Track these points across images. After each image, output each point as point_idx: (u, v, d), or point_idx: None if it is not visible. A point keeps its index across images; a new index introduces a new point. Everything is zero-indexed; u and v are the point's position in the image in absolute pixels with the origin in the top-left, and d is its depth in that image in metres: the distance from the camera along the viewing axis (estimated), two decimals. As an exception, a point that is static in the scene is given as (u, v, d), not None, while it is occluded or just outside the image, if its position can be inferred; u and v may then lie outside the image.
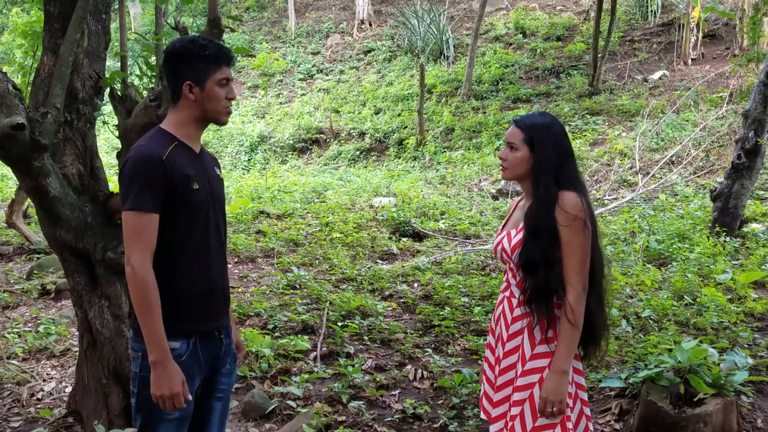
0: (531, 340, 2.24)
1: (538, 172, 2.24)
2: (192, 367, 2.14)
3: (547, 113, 2.39)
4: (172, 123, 2.14)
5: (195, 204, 2.10)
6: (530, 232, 2.21)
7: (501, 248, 2.33)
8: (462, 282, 5.97)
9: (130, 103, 3.16)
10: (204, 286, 2.16)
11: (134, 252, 2.00)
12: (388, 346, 4.66)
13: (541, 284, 2.18)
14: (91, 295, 3.29)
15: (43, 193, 2.98)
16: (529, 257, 2.21)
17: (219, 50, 2.11)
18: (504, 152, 2.31)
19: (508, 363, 2.30)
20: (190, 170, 2.10)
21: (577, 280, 2.15)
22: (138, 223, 2.01)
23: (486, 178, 11.32)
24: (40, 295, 5.75)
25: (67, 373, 4.19)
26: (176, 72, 2.10)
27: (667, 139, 11.30)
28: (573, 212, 2.15)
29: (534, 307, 2.21)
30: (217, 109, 2.13)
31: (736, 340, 4.51)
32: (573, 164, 2.29)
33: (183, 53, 2.09)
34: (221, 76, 2.11)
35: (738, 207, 7.27)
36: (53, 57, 3.07)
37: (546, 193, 2.20)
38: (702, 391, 3.33)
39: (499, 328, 2.35)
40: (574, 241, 2.15)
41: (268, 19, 21.31)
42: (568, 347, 2.16)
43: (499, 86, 14.79)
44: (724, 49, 14.17)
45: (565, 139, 2.29)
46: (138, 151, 2.05)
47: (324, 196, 10.24)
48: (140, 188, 2.00)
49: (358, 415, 3.64)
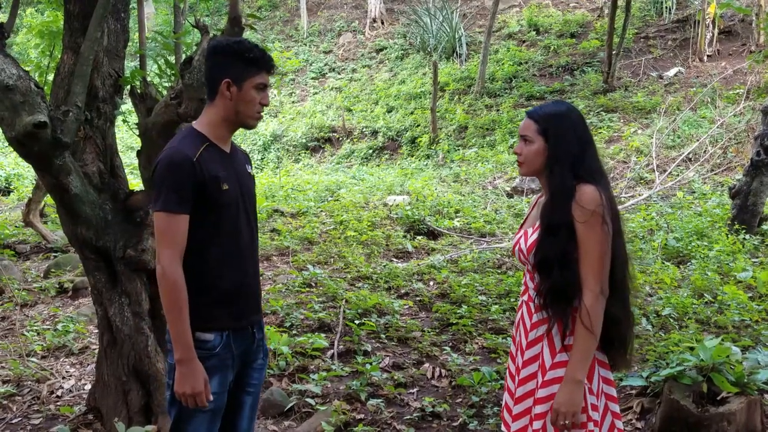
0: (551, 349, 2.08)
1: (555, 164, 2.08)
2: (226, 360, 2.17)
3: (562, 101, 2.24)
4: (205, 122, 2.17)
5: (225, 204, 2.13)
6: (545, 229, 2.07)
7: (518, 248, 2.19)
8: (478, 280, 5.94)
9: (150, 101, 3.17)
10: (236, 282, 2.19)
11: (164, 252, 2.05)
12: (405, 344, 4.65)
13: (557, 285, 2.02)
14: (111, 293, 3.30)
15: (64, 191, 3.00)
16: (545, 256, 2.05)
17: (262, 55, 2.14)
18: (519, 146, 2.16)
19: (527, 373, 2.15)
20: (221, 171, 2.12)
21: (594, 281, 1.98)
22: (168, 223, 2.05)
23: (500, 175, 11.27)
24: (57, 294, 5.79)
25: (86, 370, 4.22)
26: (218, 68, 2.13)
27: (684, 137, 11.20)
28: (590, 207, 1.98)
29: (551, 311, 2.05)
30: (249, 113, 2.16)
31: (758, 338, 4.45)
32: (593, 154, 2.12)
33: (228, 51, 2.12)
34: (259, 81, 2.13)
35: (757, 204, 7.19)
36: (74, 55, 3.07)
37: (562, 187, 2.05)
38: (725, 389, 3.30)
39: (519, 336, 2.21)
40: (590, 239, 1.97)
41: (280, 18, 21.34)
42: (583, 354, 1.99)
43: (513, 84, 14.72)
44: (741, 45, 14.01)
45: (583, 128, 2.13)
46: (170, 152, 2.09)
47: (337, 195, 10.23)
48: (170, 190, 2.04)
49: (376, 413, 3.63)
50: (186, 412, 2.14)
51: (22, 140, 2.75)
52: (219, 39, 2.20)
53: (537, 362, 2.12)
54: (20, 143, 2.79)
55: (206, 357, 2.12)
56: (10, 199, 10.84)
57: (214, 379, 2.15)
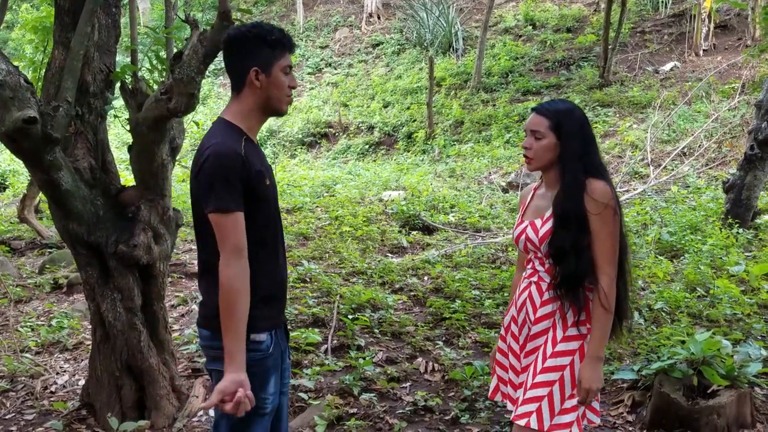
0: (563, 323, 2.22)
1: (567, 160, 2.20)
2: (277, 359, 2.10)
3: (566, 100, 2.34)
4: (236, 114, 2.04)
5: (268, 200, 2.04)
6: (560, 221, 2.19)
7: (525, 238, 2.29)
8: (472, 275, 5.96)
9: (141, 96, 3.17)
10: (280, 279, 2.12)
11: (226, 256, 1.92)
12: (398, 339, 4.66)
13: (571, 271, 2.16)
14: (104, 288, 3.31)
15: (55, 186, 3.00)
16: (559, 246, 2.18)
17: (284, 36, 2.03)
18: (528, 141, 2.24)
19: (533, 345, 2.27)
20: (261, 166, 2.02)
21: (611, 267, 2.15)
22: (225, 224, 1.92)
23: (496, 171, 11.27)
24: (52, 289, 5.79)
25: (80, 366, 4.22)
26: (242, 58, 2.00)
27: (679, 131, 11.22)
28: (603, 200, 2.13)
29: (564, 293, 2.20)
30: (280, 97, 2.04)
31: (749, 331, 4.48)
32: (596, 150, 2.25)
33: (250, 38, 2.00)
34: (286, 63, 2.03)
35: (751, 198, 7.21)
36: (64, 51, 3.07)
37: (575, 181, 2.17)
38: (715, 382, 3.32)
39: (524, 313, 2.31)
40: (605, 230, 2.13)
41: (276, 12, 21.30)
42: (603, 333, 2.15)
43: (509, 79, 14.72)
44: (736, 39, 14.02)
45: (588, 125, 2.26)
46: (218, 148, 1.93)
47: (333, 190, 10.24)
48: (224, 187, 1.90)
49: (369, 408, 3.64)
50: (249, 417, 2.00)
51: (12, 136, 2.75)
52: (236, 28, 2.08)
53: (545, 336, 2.25)
54: (10, 139, 2.79)
55: (263, 358, 2.02)
56: (5, 195, 10.83)
57: (272, 380, 2.07)
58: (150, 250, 3.32)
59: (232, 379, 1.90)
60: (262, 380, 2.03)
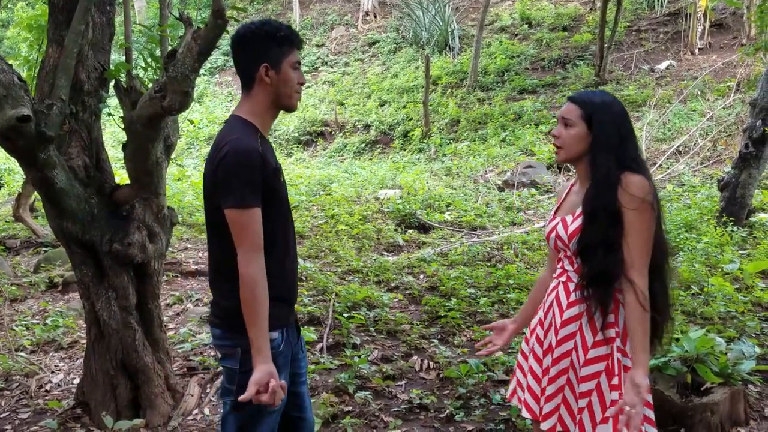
0: (592, 328, 2.09)
1: (597, 152, 2.07)
2: (287, 356, 2.12)
3: (607, 92, 2.21)
4: (249, 111, 2.06)
5: (282, 197, 2.07)
6: (589, 217, 2.07)
7: (555, 235, 2.19)
8: (468, 273, 5.97)
9: (135, 94, 3.16)
10: (291, 277, 2.15)
11: (245, 252, 1.94)
12: (394, 337, 4.66)
13: (600, 267, 2.05)
14: (99, 287, 3.30)
15: (49, 185, 2.99)
16: (588, 243, 2.07)
17: (291, 32, 2.06)
18: (557, 130, 2.13)
19: (561, 351, 2.15)
20: (276, 163, 2.04)
21: (643, 264, 2.02)
22: (245, 219, 1.93)
23: (491, 169, 11.29)
24: (47, 288, 5.78)
25: (75, 364, 4.22)
26: (251, 55, 2.02)
27: (674, 129, 11.25)
28: (640, 195, 2.01)
29: (593, 293, 2.07)
30: (290, 93, 2.06)
31: (743, 329, 4.50)
32: (635, 144, 2.13)
33: (258, 35, 2.02)
34: (294, 59, 2.06)
35: (745, 196, 7.24)
36: (58, 49, 3.06)
37: (607, 175, 2.05)
38: (709, 380, 3.33)
39: (551, 316, 2.21)
40: (640, 225, 2.01)
41: (272, 11, 21.27)
42: (644, 334, 2.01)
43: (505, 77, 14.73)
44: (732, 38, 14.06)
45: (627, 118, 2.13)
46: (236, 144, 1.94)
47: (329, 189, 10.24)
48: (242, 183, 1.92)
49: (364, 406, 3.65)
50: (257, 416, 2.04)
51: (6, 134, 2.74)
52: (244, 25, 2.07)
53: (573, 340, 2.13)
54: (4, 137, 2.78)
55: (274, 356, 2.03)
56: (1, 194, 10.80)
57: (282, 378, 2.07)
58: (145, 248, 3.32)
59: (263, 370, 1.94)
60: None
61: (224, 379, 2.12)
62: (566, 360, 2.14)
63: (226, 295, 2.05)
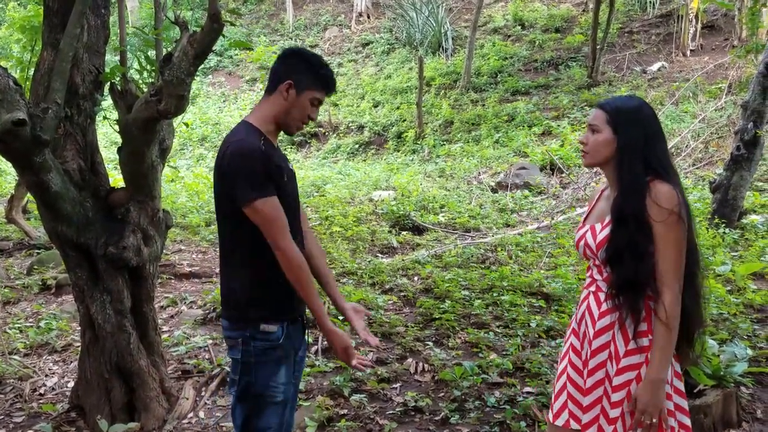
0: (624, 336, 2.07)
1: (624, 156, 2.06)
2: (288, 350, 2.22)
3: (636, 96, 2.21)
4: (258, 117, 2.21)
5: (287, 194, 2.18)
6: (617, 224, 2.05)
7: (584, 243, 2.16)
8: (462, 275, 5.98)
9: (131, 98, 3.15)
10: None
11: (278, 238, 2.08)
12: (389, 340, 4.67)
13: (629, 275, 2.02)
14: (93, 290, 3.30)
15: (44, 188, 2.99)
16: (617, 248, 2.05)
17: (331, 77, 2.25)
18: (585, 136, 2.15)
19: (596, 362, 2.13)
20: (281, 161, 2.19)
21: (674, 278, 1.98)
22: (264, 210, 2.06)
23: (485, 170, 11.31)
24: (40, 291, 5.76)
25: (69, 368, 4.21)
26: (288, 68, 2.20)
27: (666, 131, 11.26)
28: (668, 206, 1.97)
29: (623, 301, 2.05)
30: (297, 118, 2.22)
31: (735, 331, 4.52)
32: (664, 150, 2.10)
33: (303, 58, 2.22)
34: (317, 96, 2.23)
35: (737, 198, 7.28)
36: (53, 52, 3.06)
37: (634, 180, 2.03)
38: (702, 382, 3.35)
39: (584, 326, 2.19)
40: (669, 238, 1.98)
41: (266, 11, 21.24)
42: (663, 352, 1.99)
43: (498, 78, 14.77)
44: (723, 40, 14.15)
45: (655, 122, 2.11)
46: (239, 144, 2.10)
47: (323, 190, 10.23)
48: (250, 178, 2.06)
49: (359, 408, 3.65)
50: (260, 406, 2.16)
51: (1, 137, 2.73)
52: (299, 48, 2.31)
53: (607, 350, 2.11)
54: None
55: (272, 348, 2.14)
56: (-7, 196, 10.73)
57: (282, 370, 2.19)
58: (139, 251, 3.32)
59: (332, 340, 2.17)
60: (271, 369, 2.17)
61: (231, 370, 2.22)
62: (601, 371, 2.12)
63: (231, 286, 2.19)
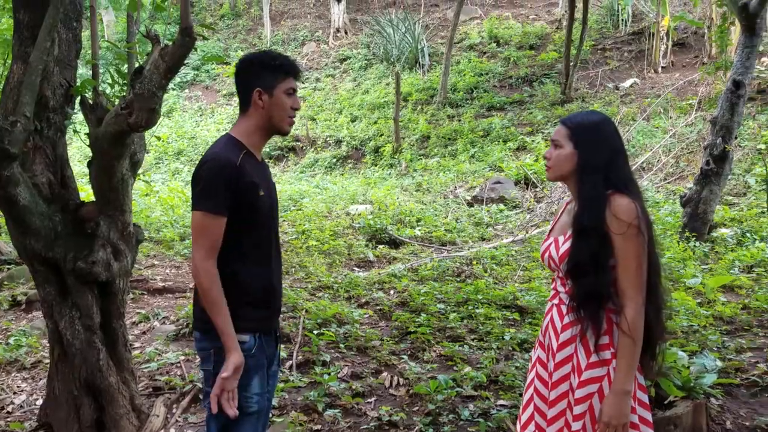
0: (585, 349, 2.09)
1: (584, 170, 2.10)
2: (260, 359, 2.23)
3: (598, 112, 2.25)
4: (241, 131, 2.25)
5: (260, 209, 2.21)
6: (578, 236, 2.09)
7: (548, 256, 2.20)
8: (438, 288, 6.00)
9: (101, 111, 3.13)
10: (266, 286, 2.27)
11: (197, 250, 2.12)
12: (364, 354, 4.66)
13: (590, 287, 2.05)
14: (62, 306, 3.25)
15: (12, 202, 2.95)
16: (577, 262, 2.08)
17: (287, 62, 2.25)
18: (548, 151, 2.19)
19: (560, 375, 2.15)
20: (257, 178, 2.20)
21: (635, 291, 2.01)
22: (204, 223, 2.11)
23: (461, 185, 11.39)
24: (10, 307, 5.65)
25: (38, 385, 4.13)
26: (247, 80, 2.23)
27: (638, 146, 11.48)
28: (627, 219, 2.00)
29: (584, 314, 2.07)
30: (282, 117, 2.24)
31: (705, 343, 4.59)
32: (624, 163, 2.14)
33: (255, 62, 2.24)
34: (288, 86, 2.23)
35: (707, 212, 7.41)
36: (23, 65, 3.03)
37: (593, 193, 2.07)
38: (672, 393, 3.39)
39: (548, 339, 2.21)
40: (628, 250, 2.01)
41: (243, 26, 21.25)
42: (628, 365, 2.00)
43: (474, 94, 14.92)
44: (693, 57, 14.45)
45: (616, 138, 2.15)
46: (214, 156, 2.15)
47: (300, 204, 10.22)
48: (210, 191, 2.10)
49: (333, 424, 3.63)
50: (232, 421, 2.15)
51: (-32, 151, 2.70)
52: (245, 54, 2.32)
53: (570, 363, 2.13)
54: (-34, 154, 2.74)
55: (245, 358, 2.15)
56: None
57: (254, 380, 2.20)
58: (109, 266, 3.28)
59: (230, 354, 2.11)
60: (244, 380, 2.17)
61: (203, 383, 2.24)
62: (565, 383, 2.15)
63: (199, 298, 2.19)
